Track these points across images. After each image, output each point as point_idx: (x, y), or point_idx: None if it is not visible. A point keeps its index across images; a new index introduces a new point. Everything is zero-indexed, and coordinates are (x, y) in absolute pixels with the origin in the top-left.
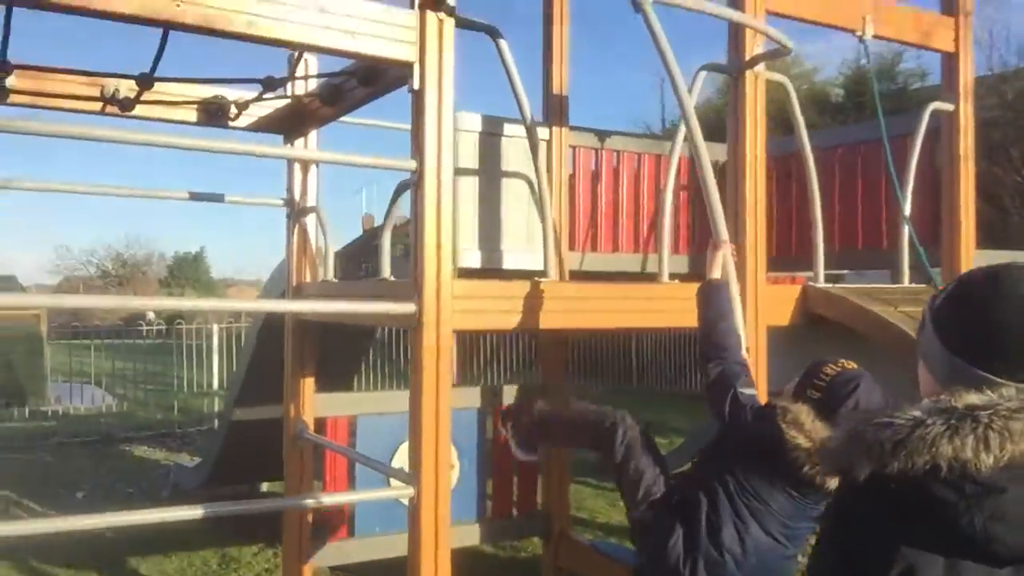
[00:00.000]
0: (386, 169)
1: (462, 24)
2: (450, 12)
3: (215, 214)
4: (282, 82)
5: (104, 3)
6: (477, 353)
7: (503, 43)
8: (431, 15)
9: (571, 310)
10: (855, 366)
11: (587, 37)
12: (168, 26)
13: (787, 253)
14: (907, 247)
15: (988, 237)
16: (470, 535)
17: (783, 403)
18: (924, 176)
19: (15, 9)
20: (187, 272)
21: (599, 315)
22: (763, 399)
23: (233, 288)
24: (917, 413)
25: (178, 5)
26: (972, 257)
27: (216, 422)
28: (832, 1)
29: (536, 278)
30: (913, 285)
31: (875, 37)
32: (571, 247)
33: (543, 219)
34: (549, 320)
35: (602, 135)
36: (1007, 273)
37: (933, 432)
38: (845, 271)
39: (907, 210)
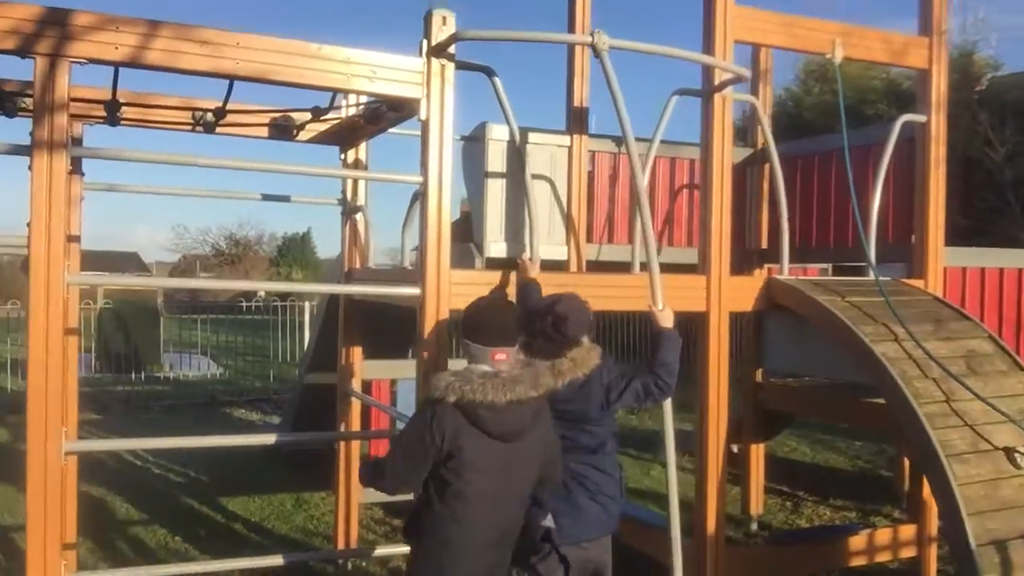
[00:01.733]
0: (399, 183)
1: (462, 66)
2: (450, 58)
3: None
4: (325, 111)
5: (187, 63)
6: None
7: (497, 80)
8: (435, 61)
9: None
10: None
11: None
12: (231, 77)
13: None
14: (873, 245)
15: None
16: None
17: None
18: (906, 179)
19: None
20: (295, 252)
21: None
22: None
23: None
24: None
25: (236, 63)
26: (941, 252)
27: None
28: (798, 29)
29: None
30: (869, 278)
31: (846, 59)
32: (589, 240)
33: (530, 217)
34: None
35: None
36: (491, 296)
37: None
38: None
39: (875, 212)
